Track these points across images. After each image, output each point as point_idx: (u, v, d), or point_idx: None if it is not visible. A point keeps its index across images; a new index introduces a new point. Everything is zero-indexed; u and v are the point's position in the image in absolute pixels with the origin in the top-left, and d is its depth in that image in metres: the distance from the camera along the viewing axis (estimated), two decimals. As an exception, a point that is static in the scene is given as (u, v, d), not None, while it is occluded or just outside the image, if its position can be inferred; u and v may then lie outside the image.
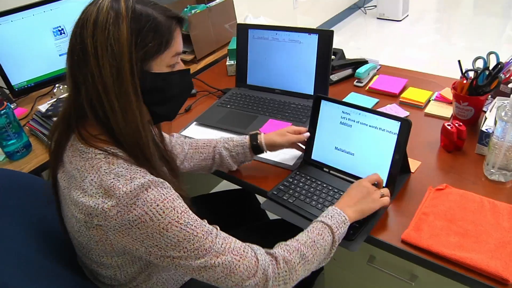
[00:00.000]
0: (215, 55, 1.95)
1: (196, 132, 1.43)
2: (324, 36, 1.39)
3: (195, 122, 1.48)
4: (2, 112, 1.33)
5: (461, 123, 1.11)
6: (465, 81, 1.18)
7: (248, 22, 1.80)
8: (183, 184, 1.04)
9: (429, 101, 1.36)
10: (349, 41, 3.85)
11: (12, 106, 1.69)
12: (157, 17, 0.79)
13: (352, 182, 1.01)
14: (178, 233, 0.75)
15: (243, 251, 0.81)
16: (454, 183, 1.03)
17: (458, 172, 1.08)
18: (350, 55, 1.67)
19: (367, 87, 1.48)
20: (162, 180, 0.79)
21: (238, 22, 1.98)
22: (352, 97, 1.45)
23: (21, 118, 1.64)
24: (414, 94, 1.38)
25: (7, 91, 1.68)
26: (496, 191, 1.00)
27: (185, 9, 2.05)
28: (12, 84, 1.65)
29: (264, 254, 0.83)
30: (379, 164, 1.03)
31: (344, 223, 0.91)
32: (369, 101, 1.41)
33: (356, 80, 1.53)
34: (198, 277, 0.80)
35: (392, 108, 1.35)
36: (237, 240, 0.83)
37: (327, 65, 1.40)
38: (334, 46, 1.40)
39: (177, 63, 0.85)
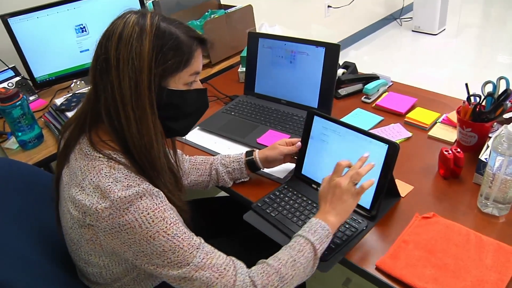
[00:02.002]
0: (230, 61, 1.96)
1: (197, 137, 1.44)
2: (331, 49, 1.37)
3: (198, 127, 1.49)
4: (17, 103, 1.40)
5: (459, 150, 1.06)
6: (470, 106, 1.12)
7: (263, 30, 1.80)
8: (184, 197, 1.07)
9: (435, 123, 1.31)
10: (380, 53, 3.77)
11: (33, 98, 1.78)
12: (180, 36, 0.81)
13: None
14: (164, 243, 0.77)
15: (224, 268, 0.81)
16: (444, 212, 0.99)
17: (451, 200, 1.03)
18: (377, 66, 1.64)
19: (374, 104, 1.44)
20: (158, 190, 0.81)
21: (256, 29, 1.99)
22: (357, 113, 1.42)
23: (40, 109, 1.72)
24: (420, 114, 1.34)
25: (30, 83, 1.77)
26: (487, 225, 0.95)
27: (206, 13, 2.08)
28: (35, 76, 1.74)
29: (244, 275, 0.83)
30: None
31: (327, 237, 0.89)
32: (373, 119, 1.38)
33: (364, 96, 1.49)
34: (178, 286, 0.82)
35: (395, 128, 1.31)
36: (222, 255, 0.84)
37: (333, 79, 1.38)
38: (363, 56, 1.38)
39: (194, 81, 0.88)
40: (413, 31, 4.06)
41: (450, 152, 1.06)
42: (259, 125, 1.44)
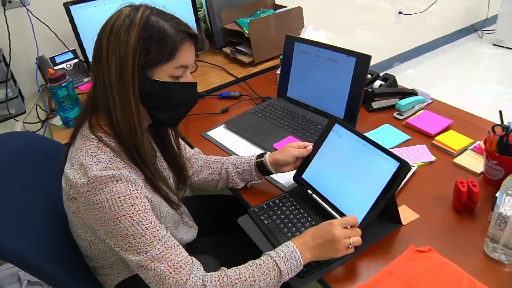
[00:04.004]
0: (273, 62, 1.95)
1: (220, 135, 1.46)
2: (362, 60, 1.31)
3: (223, 125, 1.51)
4: (63, 85, 1.53)
5: (475, 183, 0.96)
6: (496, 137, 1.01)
7: (306, 33, 1.76)
8: (184, 190, 1.11)
9: (465, 149, 1.20)
10: (452, 66, 3.51)
11: (86, 79, 1.93)
12: (166, 29, 0.85)
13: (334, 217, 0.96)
14: (128, 227, 0.81)
15: (180, 266, 0.83)
16: (445, 248, 0.91)
17: (456, 237, 0.94)
18: (444, 80, 1.53)
19: (405, 121, 1.36)
20: (136, 178, 0.85)
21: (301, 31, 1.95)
22: (384, 129, 1.35)
23: (89, 91, 1.86)
24: (451, 138, 1.23)
25: (86, 66, 1.91)
26: (489, 272, 0.86)
27: (258, 12, 2.09)
28: (90, 60, 1.88)
29: (198, 277, 0.83)
30: (361, 201, 0.96)
31: (297, 268, 0.87)
32: (399, 137, 1.30)
33: (397, 112, 1.41)
34: (139, 274, 0.85)
35: (419, 150, 1.22)
36: (183, 253, 0.85)
37: (360, 90, 1.32)
38: (431, 68, 1.31)
39: (182, 76, 0.90)
40: (494, 44, 3.72)
41: (465, 184, 0.97)
42: (282, 129, 1.42)
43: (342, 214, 0.98)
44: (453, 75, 3.37)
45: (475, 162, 1.14)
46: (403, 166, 0.91)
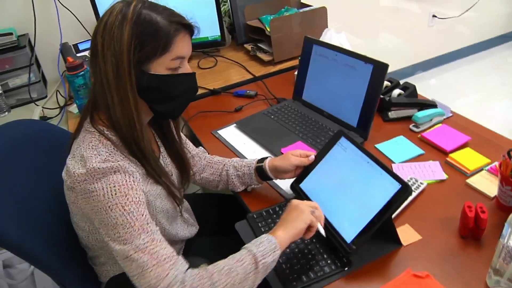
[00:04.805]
0: (293, 62, 1.91)
1: (230, 135, 1.45)
2: (379, 68, 1.25)
3: (235, 124, 1.50)
4: (80, 74, 1.55)
5: (484, 209, 0.91)
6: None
7: (327, 36, 1.71)
8: (187, 185, 1.12)
9: (481, 170, 1.13)
10: (484, 75, 3.35)
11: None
12: (159, 22, 0.85)
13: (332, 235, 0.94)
14: (119, 216, 0.82)
15: (164, 259, 0.82)
16: (444, 276, 0.87)
17: (458, 265, 0.89)
18: (470, 91, 1.47)
19: (420, 135, 1.30)
20: (134, 170, 0.86)
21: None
22: (397, 141, 1.29)
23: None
24: (467, 156, 1.17)
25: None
26: (489, 304, 0.81)
27: (282, 10, 2.05)
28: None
29: (179, 271, 0.83)
30: (355, 219, 0.93)
31: (274, 251, 0.85)
32: (412, 151, 1.24)
33: (413, 124, 1.35)
34: (123, 267, 0.84)
35: (431, 166, 1.16)
36: (168, 249, 0.84)
37: (375, 98, 1.27)
38: (460, 75, 1.26)
39: (180, 67, 0.90)
40: (534, 54, 3.54)
41: (473, 209, 0.92)
42: (292, 134, 1.39)
43: (335, 230, 0.95)
44: (481, 86, 3.22)
45: (489, 185, 1.08)
46: (404, 190, 0.87)
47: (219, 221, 1.33)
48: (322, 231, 0.92)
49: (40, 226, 0.99)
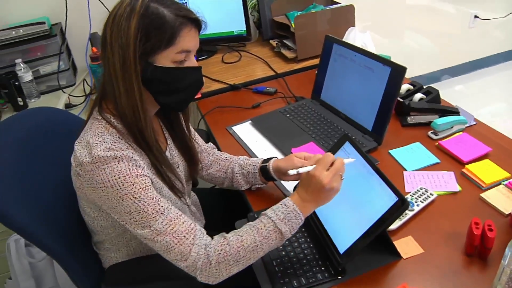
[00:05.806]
0: (316, 60, 1.85)
1: (244, 131, 1.44)
2: (397, 71, 1.21)
3: (250, 121, 1.49)
4: (100, 64, 1.59)
5: (492, 228, 0.86)
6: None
7: (351, 35, 1.66)
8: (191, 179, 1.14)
9: (498, 184, 1.07)
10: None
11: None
12: (165, 15, 0.86)
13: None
14: (131, 205, 0.85)
15: (184, 236, 0.85)
16: (442, 293, 0.83)
17: (460, 284, 0.85)
18: (499, 99, 1.39)
19: (437, 142, 1.24)
20: (138, 159, 0.88)
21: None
22: (413, 148, 1.24)
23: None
24: (484, 169, 1.11)
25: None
26: (486, 329, 0.77)
27: (310, 6, 2.02)
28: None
29: (201, 247, 0.86)
30: (350, 229, 0.90)
31: (298, 225, 0.88)
32: (427, 159, 1.19)
33: (432, 131, 1.29)
34: (148, 244, 0.88)
35: (445, 177, 1.11)
36: (185, 222, 0.87)
37: (392, 102, 1.23)
38: (489, 83, 1.20)
39: (185, 60, 0.91)
40: None
41: (480, 226, 0.87)
42: (305, 134, 1.37)
43: (329, 238, 0.93)
44: (510, 96, 3.02)
45: (506, 201, 1.02)
46: (400, 203, 0.83)
47: (225, 217, 1.33)
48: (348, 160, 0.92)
49: (48, 211, 1.03)
